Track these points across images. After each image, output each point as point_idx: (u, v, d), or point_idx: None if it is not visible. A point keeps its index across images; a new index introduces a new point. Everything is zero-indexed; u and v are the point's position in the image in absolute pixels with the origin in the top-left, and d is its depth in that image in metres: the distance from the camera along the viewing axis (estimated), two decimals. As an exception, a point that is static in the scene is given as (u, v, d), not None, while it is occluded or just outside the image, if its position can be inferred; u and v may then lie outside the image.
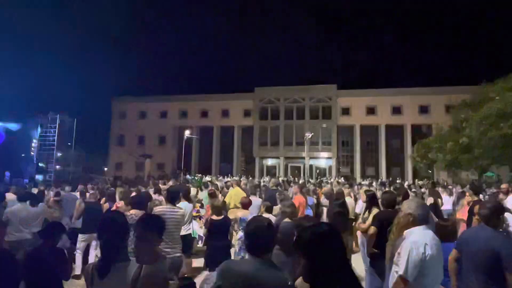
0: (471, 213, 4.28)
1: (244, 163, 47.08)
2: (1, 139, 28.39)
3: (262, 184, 16.18)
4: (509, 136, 19.14)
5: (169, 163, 45.67)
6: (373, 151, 44.12)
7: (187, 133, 40.99)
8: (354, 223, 7.69)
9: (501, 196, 8.73)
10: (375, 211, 5.46)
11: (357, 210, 8.50)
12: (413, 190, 14.90)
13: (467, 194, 8.15)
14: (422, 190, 15.93)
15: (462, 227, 6.18)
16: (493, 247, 3.02)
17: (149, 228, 2.55)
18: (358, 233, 6.55)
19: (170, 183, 14.38)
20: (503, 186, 9.22)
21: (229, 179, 23.21)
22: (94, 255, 7.23)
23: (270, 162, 46.24)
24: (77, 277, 6.51)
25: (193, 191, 10.88)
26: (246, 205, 6.80)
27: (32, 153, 29.60)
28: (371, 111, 43.47)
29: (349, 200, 8.41)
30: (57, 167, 31.02)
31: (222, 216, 5.70)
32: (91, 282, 2.21)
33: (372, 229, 4.64)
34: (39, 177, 27.76)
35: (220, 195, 10.38)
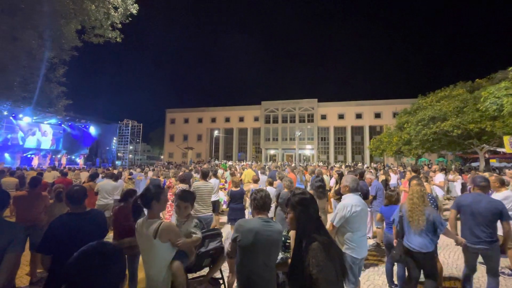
0: (409, 183, 4.21)
1: (254, 152, 47.03)
2: (95, 138, 28.90)
3: (266, 166, 16.16)
4: (437, 133, 18.92)
5: (204, 152, 45.91)
6: (342, 144, 43.68)
7: (216, 132, 41.10)
8: (328, 192, 7.64)
9: (431, 174, 8.56)
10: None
11: (331, 184, 8.43)
12: (370, 170, 14.70)
13: (408, 172, 7.99)
14: (377, 170, 15.72)
15: (404, 195, 6.09)
16: (496, 206, 3.05)
17: (183, 198, 2.57)
18: (331, 200, 6.51)
19: (205, 166, 14.44)
20: (434, 167, 9.00)
21: (244, 163, 23.21)
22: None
23: (272, 152, 46.12)
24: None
25: (220, 171, 10.92)
26: (256, 180, 6.80)
27: (113, 146, 30.05)
28: (341, 116, 43.12)
29: (325, 177, 8.34)
30: (130, 156, 31.40)
31: (239, 188, 5.71)
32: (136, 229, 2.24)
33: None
34: (118, 162, 28.21)
35: (238, 174, 10.39)
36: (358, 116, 42.29)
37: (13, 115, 20.76)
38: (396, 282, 3.56)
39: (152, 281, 2.11)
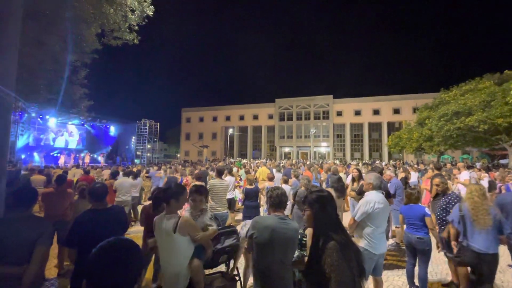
0: (431, 181, 4.04)
1: (269, 150, 46.96)
2: (115, 137, 30.03)
3: (281, 164, 16.12)
4: (461, 129, 18.00)
5: (219, 151, 46.43)
6: (359, 141, 42.61)
7: (230, 131, 41.45)
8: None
9: (454, 171, 8.15)
10: (360, 182, 5.29)
11: (347, 182, 8.27)
12: (389, 168, 14.25)
13: (429, 170, 7.67)
14: (396, 168, 15.21)
15: (426, 194, 5.85)
16: None
17: (198, 191, 2.62)
18: (348, 198, 6.38)
19: (220, 164, 14.61)
20: (459, 164, 8.54)
21: (258, 161, 23.24)
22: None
23: (287, 149, 45.84)
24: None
25: (235, 169, 11.01)
26: (271, 178, 6.78)
27: (132, 145, 31.09)
28: (357, 113, 42.07)
29: (342, 175, 8.18)
30: (148, 154, 32.36)
31: (254, 186, 5.72)
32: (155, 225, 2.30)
33: None
34: (137, 160, 29.15)
35: (252, 172, 10.42)
36: (376, 112, 41.07)
37: (40, 116, 21.98)
38: (417, 284, 3.44)
39: (172, 277, 2.15)
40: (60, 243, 3.99)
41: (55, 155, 23.11)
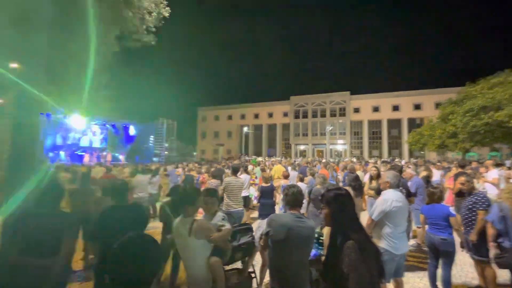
0: (455, 180, 3.86)
1: (284, 148, 46.73)
2: (134, 136, 31.11)
3: (296, 162, 15.98)
4: (489, 124, 16.97)
5: (235, 149, 46.80)
6: (377, 138, 41.36)
7: (245, 129, 41.65)
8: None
9: (481, 170, 7.71)
10: (377, 180, 5.15)
11: (365, 180, 8.06)
12: (409, 166, 13.71)
13: (453, 168, 7.33)
14: (416, 166, 14.59)
15: (449, 193, 5.60)
16: None
17: (209, 194, 2.65)
18: (366, 197, 6.23)
19: (235, 162, 14.74)
20: (487, 162, 8.04)
21: (273, 159, 23.20)
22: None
23: (302, 147, 45.42)
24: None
25: (250, 167, 11.05)
26: (286, 176, 6.75)
27: (150, 144, 32.07)
28: (376, 109, 40.83)
29: (359, 173, 7.99)
30: (165, 152, 33.23)
31: (269, 184, 5.71)
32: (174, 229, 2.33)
33: None
34: (155, 159, 30.05)
35: (268, 170, 10.42)
36: (395, 108, 39.66)
37: (66, 117, 23.19)
38: (440, 287, 3.30)
39: (194, 279, 2.19)
40: (85, 237, 4.20)
41: (80, 153, 24.32)
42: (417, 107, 38.36)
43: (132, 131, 30.86)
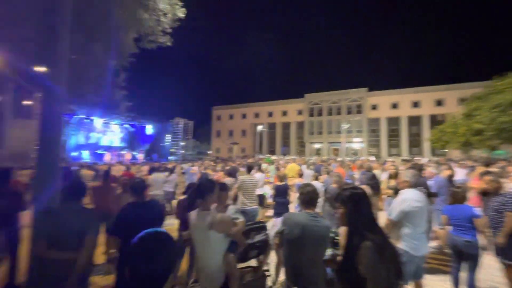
0: (480, 179, 3.67)
1: (298, 146, 46.33)
2: (151, 136, 32.02)
3: (311, 161, 15.80)
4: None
5: (249, 147, 47.00)
6: (396, 136, 40.00)
7: (259, 127, 41.67)
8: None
9: (509, 168, 7.28)
10: (396, 179, 4.99)
11: (383, 179, 7.84)
12: (430, 164, 13.15)
13: (478, 167, 6.98)
14: (439, 164, 13.95)
15: (473, 193, 5.34)
16: None
17: (222, 188, 2.68)
18: (384, 196, 6.06)
19: (250, 160, 14.80)
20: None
21: (287, 158, 23.07)
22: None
23: (317, 145, 44.81)
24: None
25: (264, 165, 11.05)
26: (300, 175, 6.71)
27: (167, 143, 32.87)
28: (394, 106, 39.51)
29: (377, 172, 7.77)
30: (181, 151, 33.92)
31: (284, 183, 5.69)
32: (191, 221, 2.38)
33: None
34: (171, 157, 30.77)
35: (282, 168, 10.38)
36: (415, 104, 38.18)
37: (88, 118, 24.27)
38: (464, 291, 3.15)
39: (209, 272, 2.23)
40: (107, 232, 4.38)
41: (101, 152, 25.36)
42: (439, 103, 36.71)
43: (149, 130, 31.78)
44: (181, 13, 6.26)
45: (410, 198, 2.65)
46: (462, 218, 3.13)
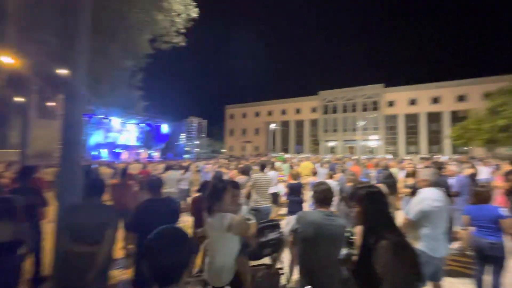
0: (506, 178, 3.48)
1: (312, 144, 45.79)
2: (167, 135, 32.77)
3: (325, 159, 15.57)
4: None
5: (262, 146, 46.99)
6: (414, 133, 38.60)
7: (272, 126, 41.56)
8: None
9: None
10: (414, 178, 4.84)
11: (400, 177, 7.61)
12: (451, 163, 12.60)
13: (504, 165, 6.63)
14: (460, 163, 13.35)
15: (498, 192, 5.09)
16: None
17: (235, 186, 2.69)
18: (401, 195, 5.88)
19: (263, 159, 14.79)
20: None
21: (301, 156, 22.89)
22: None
23: (331, 144, 44.07)
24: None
25: (278, 163, 11.01)
26: (314, 173, 6.64)
27: (181, 141, 33.50)
28: (412, 102, 38.09)
29: (394, 170, 7.55)
30: (196, 149, 34.46)
31: (297, 181, 5.65)
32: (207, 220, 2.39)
33: None
34: (186, 156, 31.33)
35: (296, 167, 10.31)
36: (435, 100, 36.65)
37: (106, 118, 25.18)
38: (488, 295, 3.01)
39: (218, 269, 2.26)
40: (125, 228, 4.53)
41: (119, 151, 26.26)
42: (461, 98, 35.00)
43: (164, 129, 32.55)
44: (194, 13, 6.34)
45: (430, 197, 2.57)
46: (486, 219, 2.98)
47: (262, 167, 5.32)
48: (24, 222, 2.52)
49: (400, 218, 2.86)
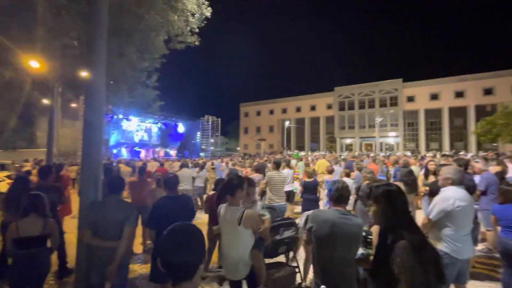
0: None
1: (327, 141, 45.02)
2: (183, 133, 33.46)
3: (341, 157, 15.25)
4: None
5: (276, 143, 46.81)
6: (436, 129, 36.90)
7: (287, 123, 41.29)
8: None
9: None
10: (436, 176, 4.62)
11: (420, 175, 7.32)
12: (476, 160, 11.91)
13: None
14: (487, 160, 12.58)
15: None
16: None
17: (250, 184, 2.69)
18: (422, 194, 5.66)
19: (277, 156, 14.73)
20: None
21: (316, 154, 22.57)
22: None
23: (348, 141, 43.10)
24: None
25: (293, 161, 10.93)
26: (330, 171, 6.52)
27: (197, 140, 34.07)
28: (434, 97, 36.36)
29: (415, 168, 7.27)
30: (211, 148, 34.93)
31: (313, 179, 5.59)
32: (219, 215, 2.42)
33: None
34: (202, 154, 31.84)
35: (311, 165, 10.18)
36: (459, 94, 34.82)
37: (125, 117, 26.07)
38: (517, 299, 2.84)
39: (233, 264, 2.29)
40: (143, 224, 4.69)
41: (137, 150, 27.16)
42: (488, 92, 33.00)
43: (181, 128, 33.23)
44: (208, 12, 6.39)
45: (453, 196, 2.44)
46: (515, 219, 2.81)
47: (277, 165, 5.30)
48: (51, 217, 2.67)
49: (420, 217, 2.76)
